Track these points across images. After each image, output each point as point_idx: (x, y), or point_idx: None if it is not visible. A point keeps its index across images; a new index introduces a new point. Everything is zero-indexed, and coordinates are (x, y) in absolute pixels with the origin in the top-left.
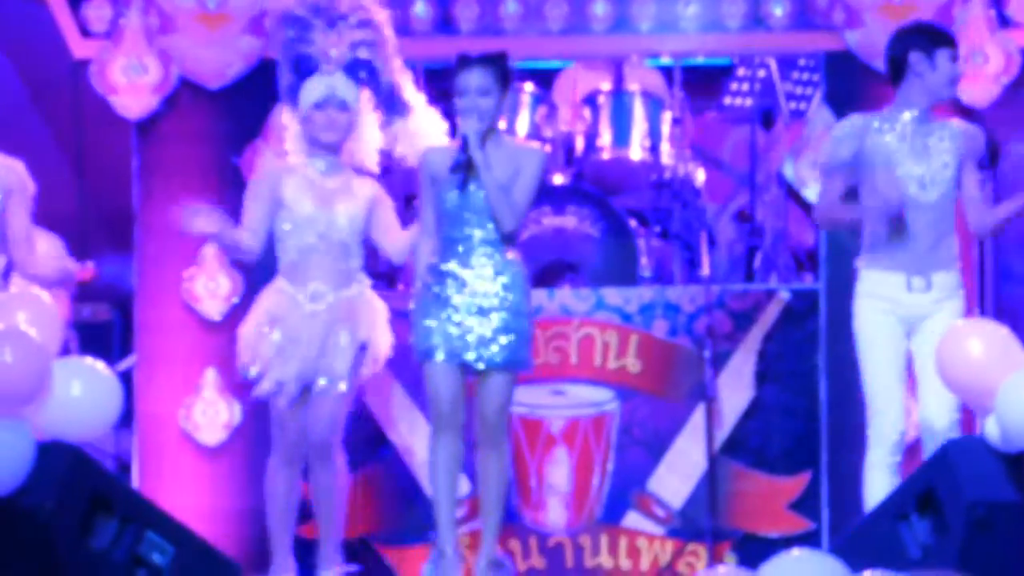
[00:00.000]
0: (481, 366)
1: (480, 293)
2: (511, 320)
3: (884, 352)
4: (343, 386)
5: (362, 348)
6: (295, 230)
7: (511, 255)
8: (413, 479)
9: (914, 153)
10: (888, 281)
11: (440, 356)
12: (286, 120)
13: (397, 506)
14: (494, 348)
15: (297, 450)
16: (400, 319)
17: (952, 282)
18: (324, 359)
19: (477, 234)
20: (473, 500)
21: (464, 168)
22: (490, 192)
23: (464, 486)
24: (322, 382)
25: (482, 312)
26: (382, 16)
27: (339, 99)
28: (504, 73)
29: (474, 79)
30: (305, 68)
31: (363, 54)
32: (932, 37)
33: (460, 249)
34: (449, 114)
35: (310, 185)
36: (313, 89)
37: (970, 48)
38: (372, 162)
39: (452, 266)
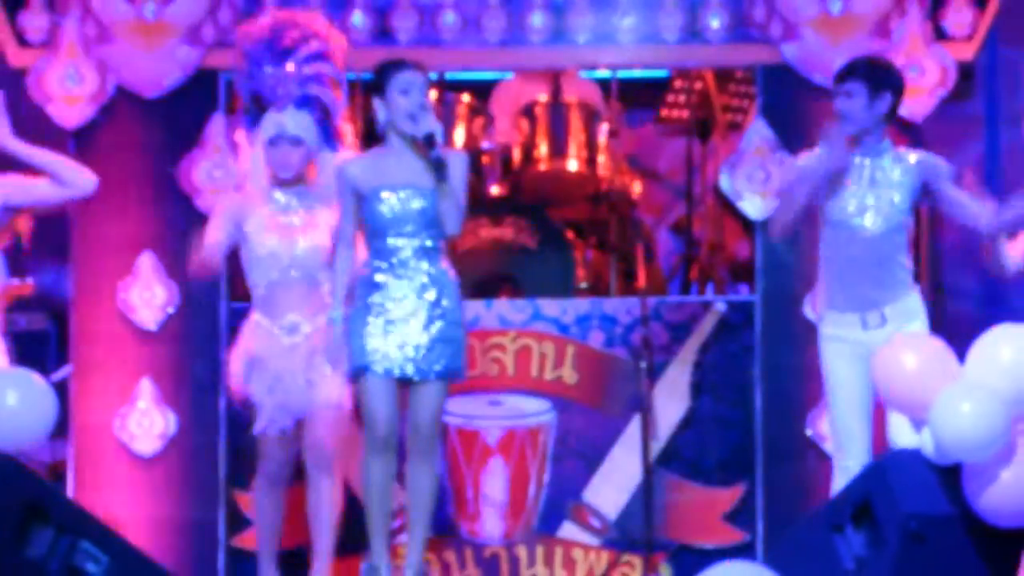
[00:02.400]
0: (416, 378)
1: (414, 303)
2: (446, 329)
3: (848, 394)
4: (339, 408)
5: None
6: (259, 265)
7: (444, 264)
8: (349, 491)
9: (864, 184)
10: (844, 321)
11: (376, 372)
12: (244, 147)
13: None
14: (430, 358)
15: (281, 473)
16: None
17: (908, 307)
18: (312, 389)
19: (411, 243)
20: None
21: (438, 166)
22: (455, 192)
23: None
24: (318, 408)
25: (416, 322)
26: (336, 45)
27: (290, 136)
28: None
29: (419, 78)
30: (263, 100)
31: (312, 90)
32: (835, 78)
33: (393, 260)
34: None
35: (271, 220)
36: (266, 127)
37: (907, 61)
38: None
39: (384, 277)
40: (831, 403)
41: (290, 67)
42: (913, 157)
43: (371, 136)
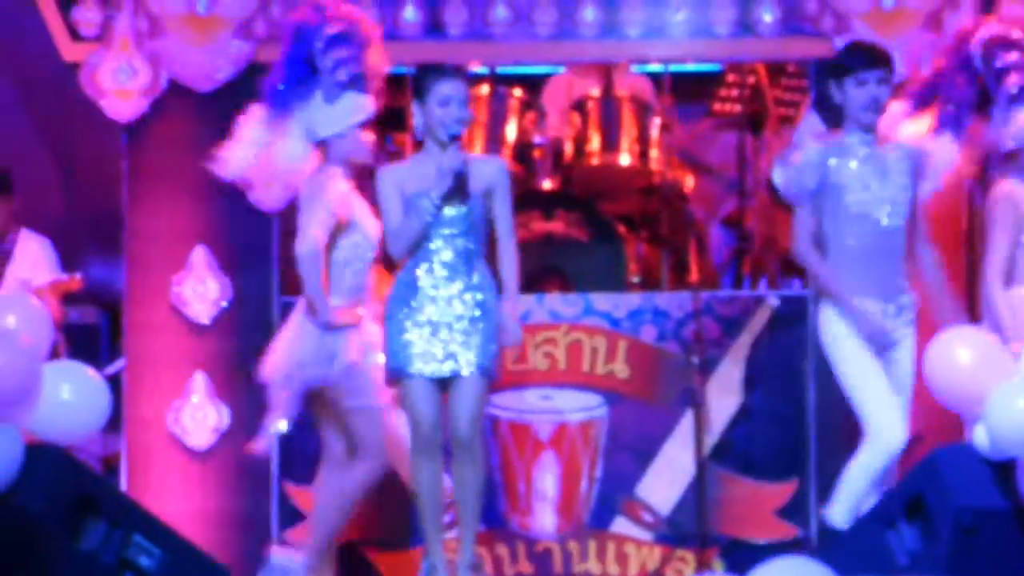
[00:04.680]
0: (454, 375)
1: (454, 306)
2: (485, 330)
3: (870, 366)
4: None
5: None
6: (363, 249)
7: (484, 267)
8: (402, 484)
9: (878, 176)
10: (863, 306)
11: (417, 374)
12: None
13: (386, 511)
14: (468, 356)
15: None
16: None
17: (912, 302)
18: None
19: (452, 247)
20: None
21: (464, 178)
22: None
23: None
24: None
25: (456, 324)
26: (363, 26)
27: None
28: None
29: (459, 88)
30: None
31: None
32: (837, 67)
33: (434, 263)
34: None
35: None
36: (355, 111)
37: None
38: None
39: (425, 280)
40: (858, 384)
41: (320, 61)
42: (905, 146)
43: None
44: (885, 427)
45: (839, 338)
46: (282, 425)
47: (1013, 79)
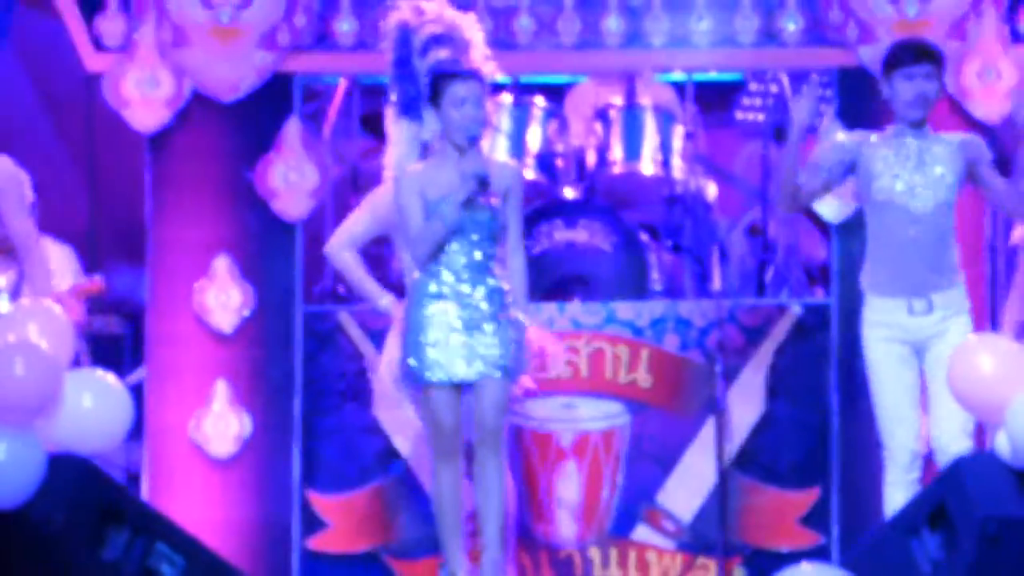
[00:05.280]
0: (477, 377)
1: (473, 311)
2: (507, 331)
3: (890, 377)
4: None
5: None
6: None
7: (500, 272)
8: (423, 492)
9: (911, 164)
10: (889, 307)
11: (438, 381)
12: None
13: (407, 519)
14: (490, 357)
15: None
16: None
17: (955, 299)
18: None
19: (471, 252)
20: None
21: (487, 182)
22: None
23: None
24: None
25: (476, 324)
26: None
27: None
28: (486, 87)
29: (476, 90)
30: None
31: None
32: (886, 62)
33: (454, 268)
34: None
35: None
36: None
37: (983, 64)
38: None
39: (443, 286)
40: (876, 391)
41: (420, 64)
42: (957, 137)
43: None
44: (888, 441)
45: (867, 343)
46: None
47: None
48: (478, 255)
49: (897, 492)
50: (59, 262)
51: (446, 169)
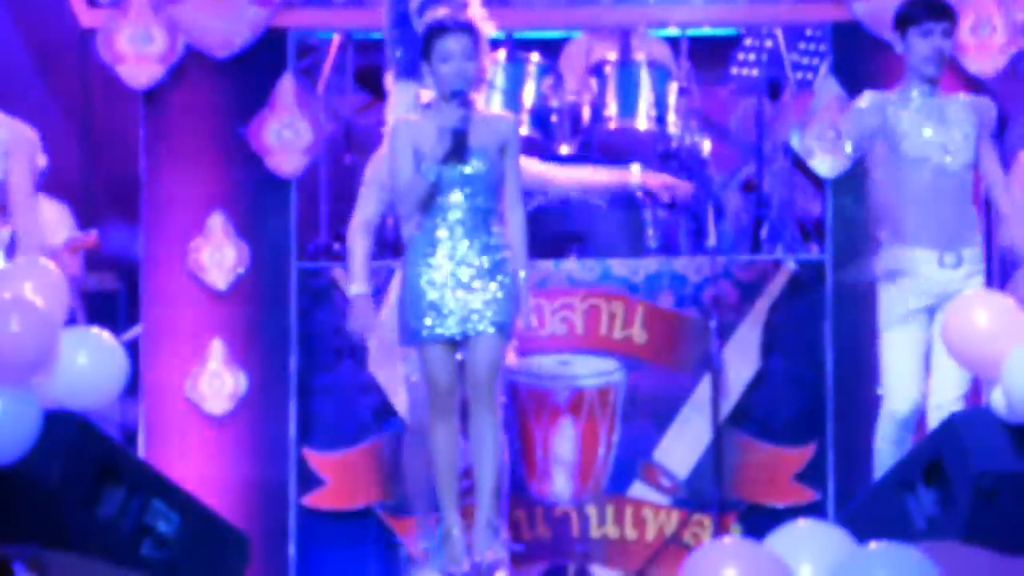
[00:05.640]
0: (472, 332)
1: (470, 264)
2: (503, 286)
3: (902, 334)
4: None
5: None
6: None
7: (498, 226)
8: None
9: (934, 121)
10: (917, 257)
11: (433, 337)
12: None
13: (402, 477)
14: (485, 312)
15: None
16: None
17: (978, 255)
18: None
19: (467, 204)
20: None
21: (464, 137)
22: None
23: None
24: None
25: (473, 280)
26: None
27: None
28: (479, 41)
29: (459, 43)
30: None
31: None
32: (901, 17)
33: (450, 220)
34: None
35: None
36: None
37: (977, 19)
38: None
39: (440, 238)
40: (885, 343)
41: (418, 24)
42: (969, 97)
43: None
44: (891, 393)
45: (885, 293)
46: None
47: None
48: (473, 209)
49: (888, 448)
50: (54, 219)
51: (436, 123)
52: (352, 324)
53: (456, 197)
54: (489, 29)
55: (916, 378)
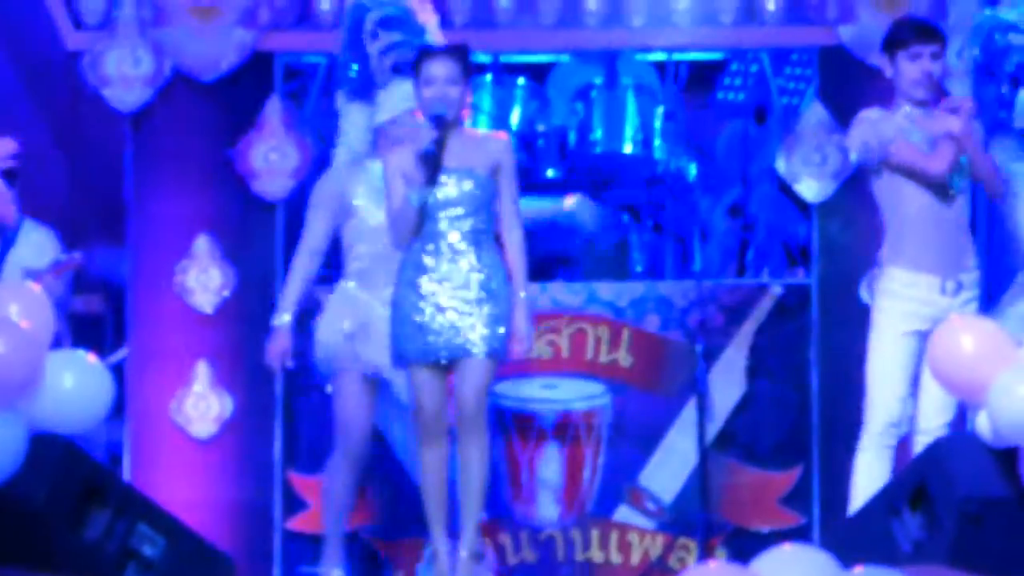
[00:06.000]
0: (461, 356)
1: (462, 287)
2: (494, 311)
3: (894, 351)
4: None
5: None
6: (368, 237)
7: (493, 248)
8: (405, 473)
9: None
10: (920, 282)
11: (421, 361)
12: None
13: (389, 500)
14: (474, 337)
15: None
16: None
17: (975, 281)
18: None
19: (460, 227)
20: None
21: (434, 159)
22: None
23: None
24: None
25: (463, 303)
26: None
27: None
28: (469, 65)
29: (441, 68)
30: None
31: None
32: (890, 40)
33: (442, 243)
34: None
35: (379, 192)
36: (408, 96)
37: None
38: None
39: (432, 261)
40: (875, 357)
41: (371, 47)
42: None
43: None
44: (874, 412)
45: (882, 310)
46: None
47: (1013, 61)
48: (465, 230)
49: (868, 456)
50: (40, 243)
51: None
52: (268, 354)
53: (445, 219)
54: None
55: (901, 399)
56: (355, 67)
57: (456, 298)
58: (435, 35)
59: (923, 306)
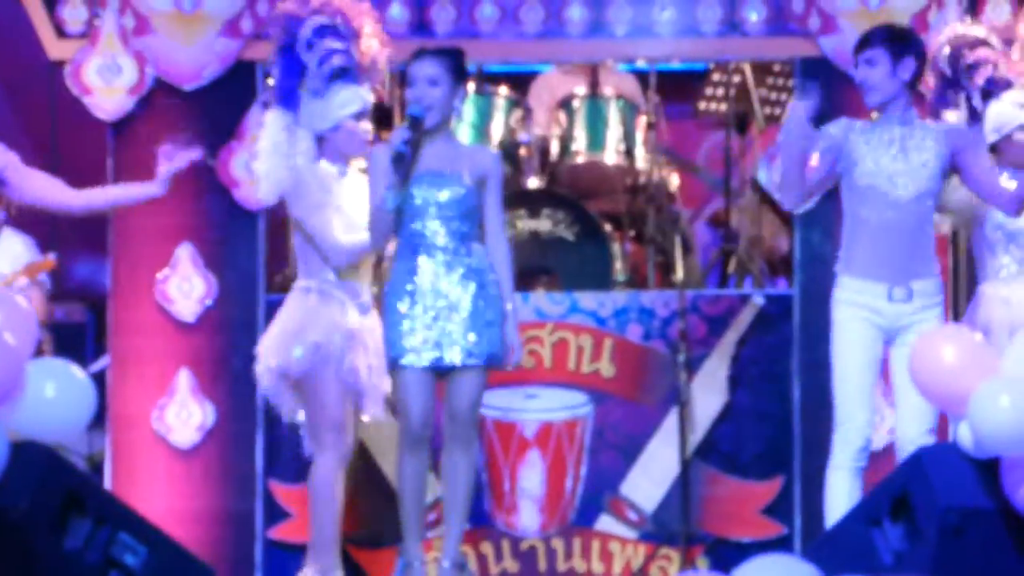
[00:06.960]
0: (455, 365)
1: (453, 291)
2: (487, 316)
3: (856, 360)
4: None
5: None
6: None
7: (482, 251)
8: (385, 482)
9: (894, 151)
10: (868, 290)
11: (411, 365)
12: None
13: (369, 508)
14: (469, 345)
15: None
16: None
17: (932, 289)
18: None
19: (448, 229)
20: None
21: (406, 160)
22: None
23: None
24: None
25: (456, 311)
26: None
27: (368, 110)
28: (457, 68)
29: (424, 68)
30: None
31: (336, 62)
32: (855, 49)
33: (431, 247)
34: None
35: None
36: (348, 102)
37: None
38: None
39: (422, 264)
40: (840, 371)
41: (306, 56)
42: (943, 125)
43: None
44: (845, 421)
45: (838, 321)
46: None
47: (983, 74)
48: (452, 236)
49: (840, 476)
50: (18, 252)
51: (422, 147)
52: None
53: (433, 224)
54: (383, 57)
55: (870, 408)
56: (276, 77)
57: (447, 303)
58: (370, 39)
59: (873, 314)
